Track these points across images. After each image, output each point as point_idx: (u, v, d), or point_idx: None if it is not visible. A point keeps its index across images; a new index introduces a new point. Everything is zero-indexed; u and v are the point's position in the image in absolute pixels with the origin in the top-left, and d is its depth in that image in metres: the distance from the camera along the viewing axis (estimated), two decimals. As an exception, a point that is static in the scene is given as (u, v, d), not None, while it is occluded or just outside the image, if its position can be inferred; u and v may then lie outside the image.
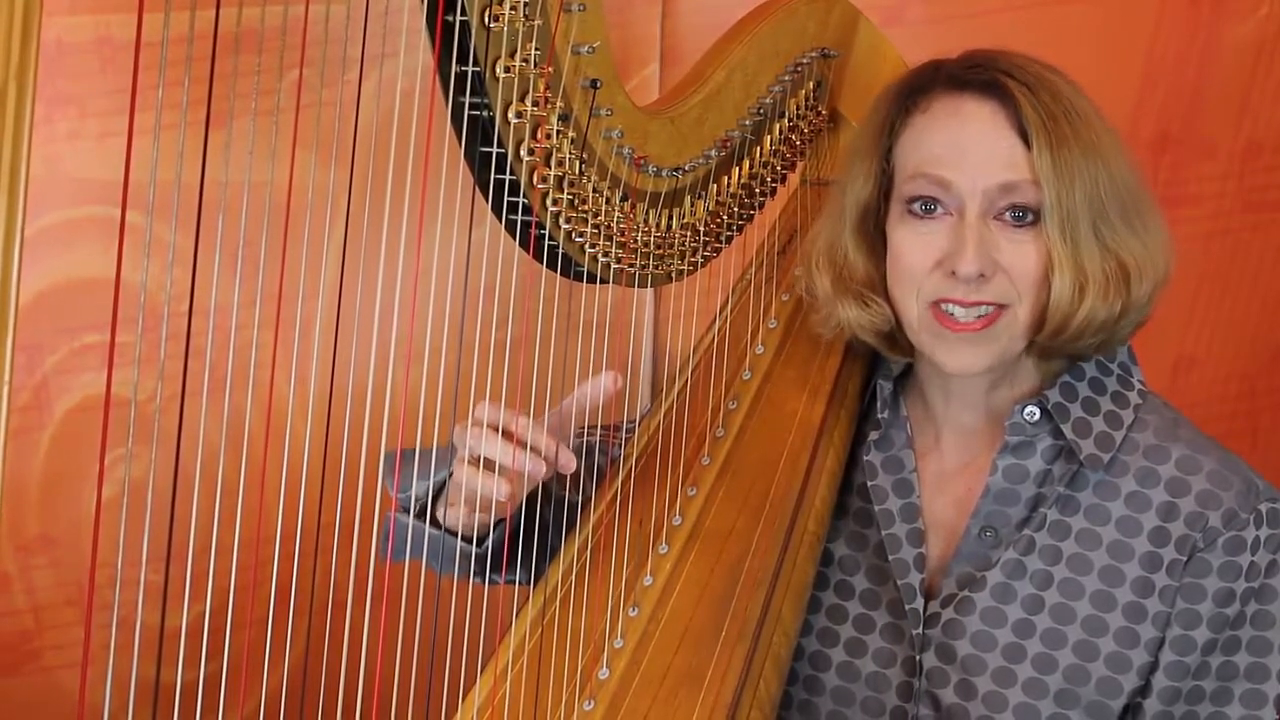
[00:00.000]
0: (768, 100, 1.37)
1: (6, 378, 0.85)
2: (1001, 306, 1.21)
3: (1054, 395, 1.26)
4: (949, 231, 1.21)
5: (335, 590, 1.09)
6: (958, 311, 1.22)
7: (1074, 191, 1.19)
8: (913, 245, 1.23)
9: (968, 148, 1.21)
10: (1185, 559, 1.21)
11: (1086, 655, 1.21)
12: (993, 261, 1.20)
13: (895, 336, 1.29)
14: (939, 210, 1.22)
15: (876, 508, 1.30)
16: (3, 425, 0.85)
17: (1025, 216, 1.20)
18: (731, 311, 1.42)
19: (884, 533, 1.28)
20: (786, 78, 1.39)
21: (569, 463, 1.20)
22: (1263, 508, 1.21)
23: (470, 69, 1.13)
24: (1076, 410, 1.26)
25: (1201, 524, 1.21)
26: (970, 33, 1.93)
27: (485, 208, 1.19)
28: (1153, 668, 1.21)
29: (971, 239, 1.20)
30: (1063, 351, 1.25)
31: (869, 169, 1.28)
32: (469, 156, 1.17)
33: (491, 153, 1.17)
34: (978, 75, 1.22)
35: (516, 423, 1.18)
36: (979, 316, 1.21)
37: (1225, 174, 2.02)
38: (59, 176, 1.85)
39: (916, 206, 1.23)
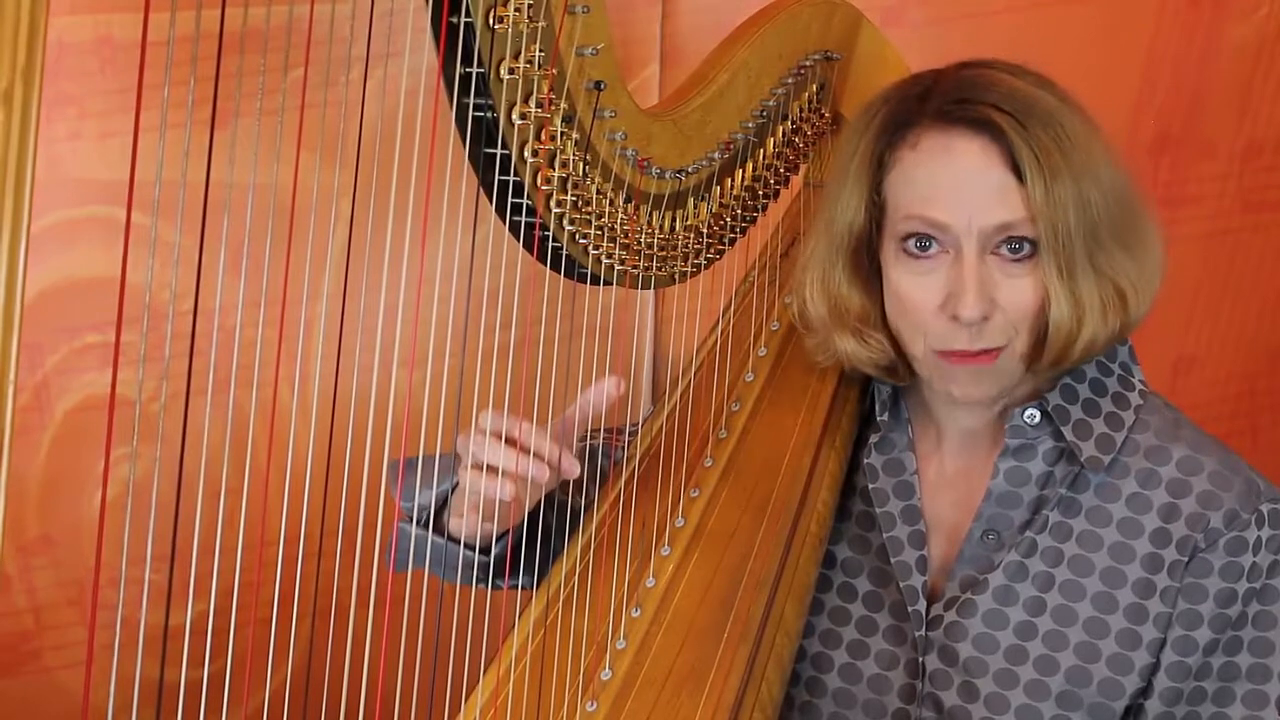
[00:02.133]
0: (771, 103, 1.37)
1: (11, 377, 0.85)
2: (1001, 348, 1.21)
3: (1054, 398, 1.26)
4: (947, 271, 1.20)
5: (338, 590, 1.09)
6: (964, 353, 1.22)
7: (1069, 222, 1.18)
8: (912, 287, 1.22)
9: (961, 187, 1.20)
10: (1186, 560, 1.21)
11: (1088, 656, 1.21)
12: (992, 301, 1.20)
13: (895, 367, 1.28)
14: (934, 248, 1.21)
15: (878, 510, 1.30)
16: (7, 424, 0.85)
17: (1022, 249, 1.19)
18: (734, 313, 1.42)
19: (885, 535, 1.29)
20: (789, 80, 1.39)
21: (572, 468, 1.20)
22: (1264, 508, 1.21)
23: (474, 70, 1.13)
24: (1077, 412, 1.26)
25: (1203, 524, 1.21)
26: (970, 33, 1.94)
27: (487, 209, 1.19)
28: (1154, 668, 1.21)
29: (971, 283, 1.19)
30: (1059, 368, 1.25)
31: (859, 199, 1.25)
32: (473, 158, 1.17)
33: (495, 154, 1.17)
34: (966, 112, 1.20)
35: (520, 429, 1.18)
36: (982, 351, 1.21)
37: (1225, 174, 2.02)
38: (59, 176, 1.85)
39: (911, 245, 1.22)
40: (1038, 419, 1.26)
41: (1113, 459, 1.24)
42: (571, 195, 1.21)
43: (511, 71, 1.13)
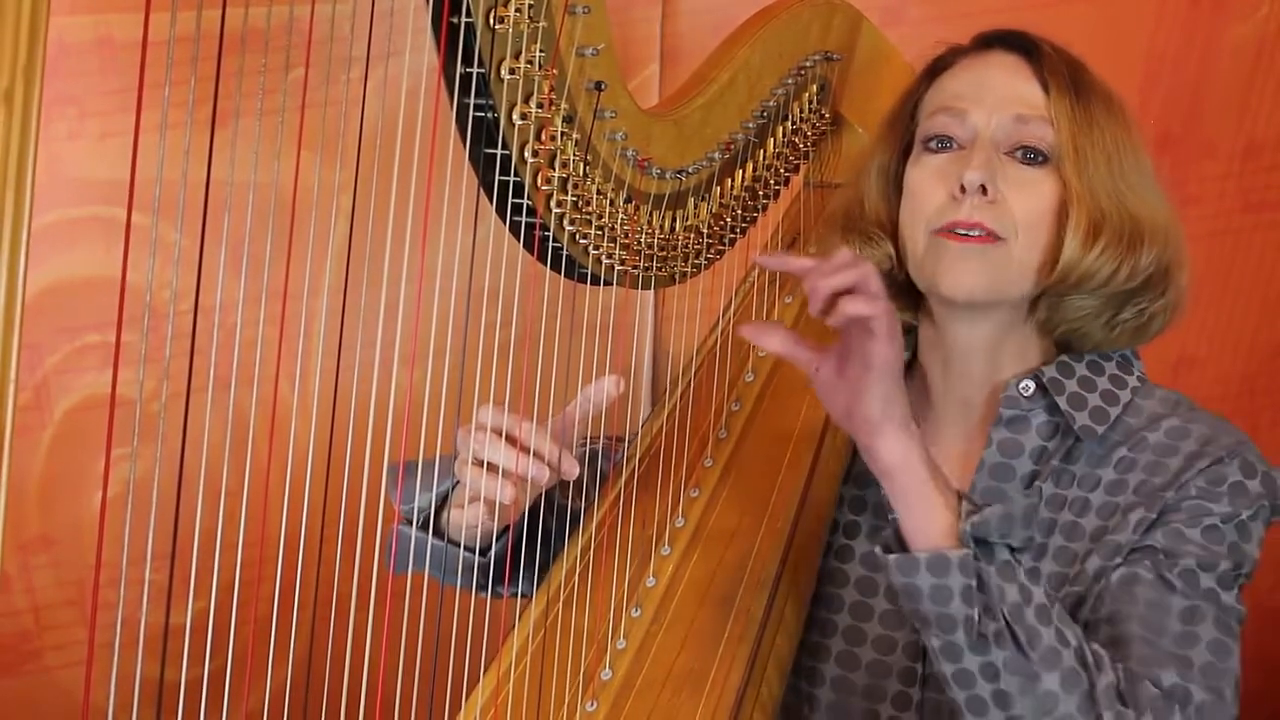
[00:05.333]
0: (771, 103, 1.38)
1: (12, 377, 0.85)
2: (998, 239, 1.22)
3: (1050, 370, 1.26)
4: (960, 160, 1.24)
5: (338, 588, 1.09)
6: (959, 233, 1.23)
7: (1091, 137, 1.22)
8: (925, 178, 1.26)
9: (987, 85, 1.26)
10: (1169, 495, 1.19)
11: None
12: (998, 189, 1.22)
13: (895, 279, 1.29)
14: (954, 146, 1.25)
15: (875, 493, 1.29)
16: (8, 424, 0.85)
17: (1036, 158, 1.23)
18: (734, 313, 1.42)
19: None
20: (790, 80, 1.39)
21: (572, 469, 1.20)
22: (1250, 457, 1.20)
23: (475, 70, 1.13)
24: (1072, 385, 1.26)
25: (1188, 470, 1.20)
26: (970, 33, 1.93)
27: (487, 207, 1.19)
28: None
29: (979, 153, 1.22)
30: (1065, 318, 1.25)
31: (892, 136, 1.31)
32: (473, 158, 1.17)
33: (496, 154, 1.17)
34: (1005, 34, 1.28)
35: (520, 428, 1.18)
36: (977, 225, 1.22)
37: (1225, 174, 2.02)
38: (59, 176, 1.85)
39: (933, 144, 1.26)
40: (1032, 390, 1.26)
41: (1105, 433, 1.24)
42: (572, 195, 1.21)
43: (512, 72, 1.13)
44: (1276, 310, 2.05)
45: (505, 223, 1.21)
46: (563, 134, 1.18)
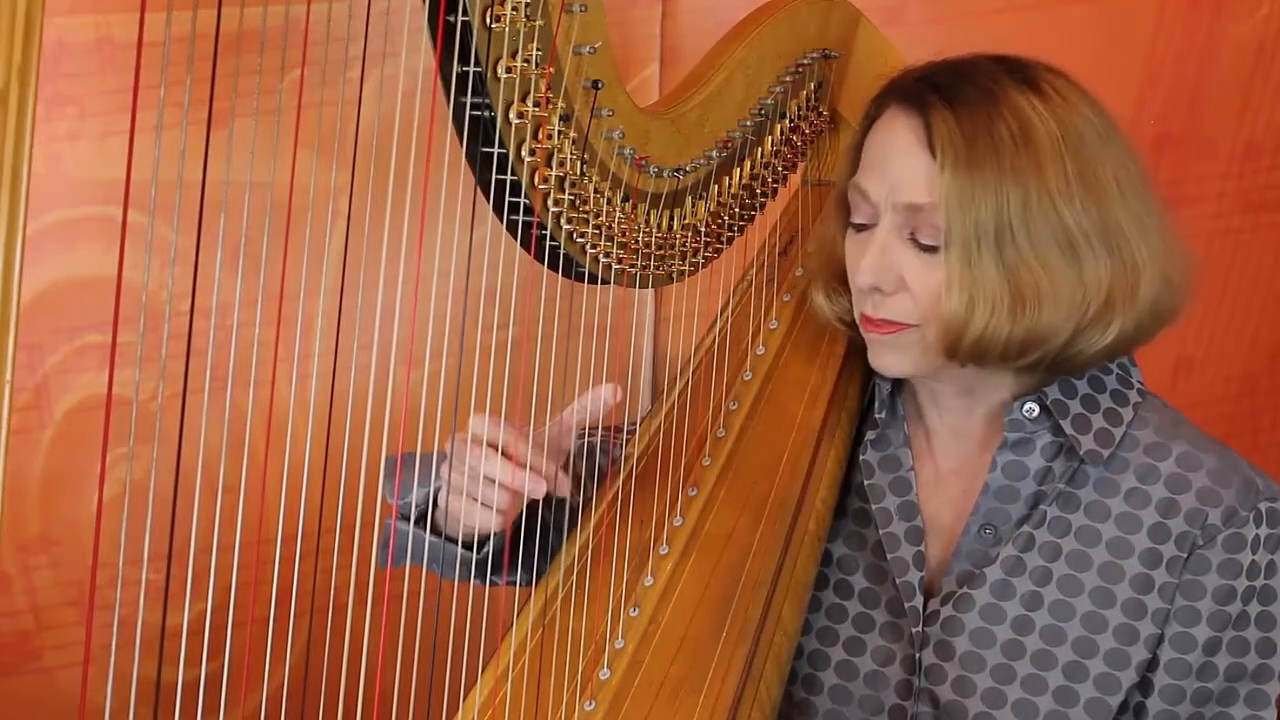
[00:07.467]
0: (769, 101, 1.38)
1: (8, 377, 0.85)
2: (904, 325, 1.22)
3: (1053, 392, 1.26)
4: (867, 244, 1.23)
5: (336, 589, 1.09)
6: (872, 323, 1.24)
7: (974, 214, 1.17)
8: (849, 255, 1.26)
9: (889, 163, 1.22)
10: (1185, 556, 1.21)
11: (1085, 652, 1.22)
12: (895, 277, 1.21)
13: (858, 326, 1.30)
14: (867, 226, 1.24)
15: (874, 506, 1.30)
16: (4, 425, 0.85)
17: (932, 245, 1.19)
18: (732, 312, 1.42)
19: (882, 531, 1.29)
20: (787, 79, 1.39)
21: (565, 487, 1.22)
22: (1262, 506, 1.21)
23: (471, 69, 1.13)
24: (1076, 407, 1.26)
25: (1201, 520, 1.21)
26: (970, 33, 1.94)
27: (486, 208, 1.19)
28: (1152, 665, 1.22)
29: (872, 251, 1.21)
30: (1040, 365, 1.23)
31: (846, 170, 1.30)
32: (470, 157, 1.17)
33: (493, 153, 1.17)
34: (912, 90, 1.22)
35: (514, 444, 1.19)
36: (883, 320, 1.23)
37: (1225, 174, 2.02)
38: (59, 176, 1.85)
39: (856, 218, 1.25)
40: (1036, 413, 1.26)
41: (1112, 453, 1.24)
42: (569, 194, 1.21)
43: (509, 70, 1.14)
44: (1276, 310, 2.05)
45: (503, 221, 1.21)
46: (560, 132, 1.18)
